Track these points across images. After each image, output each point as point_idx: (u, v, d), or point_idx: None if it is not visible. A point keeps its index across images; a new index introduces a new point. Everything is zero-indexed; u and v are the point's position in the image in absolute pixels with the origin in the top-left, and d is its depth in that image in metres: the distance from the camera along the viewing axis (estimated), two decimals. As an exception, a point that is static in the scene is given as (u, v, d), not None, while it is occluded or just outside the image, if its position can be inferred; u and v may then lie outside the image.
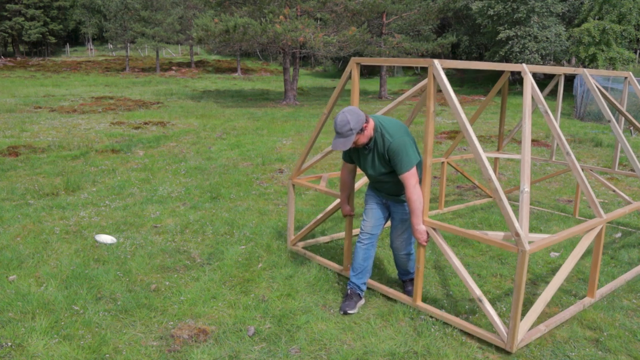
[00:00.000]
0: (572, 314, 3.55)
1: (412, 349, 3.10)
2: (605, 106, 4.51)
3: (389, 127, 3.34)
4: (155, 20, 34.24)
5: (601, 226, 3.61)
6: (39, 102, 16.96)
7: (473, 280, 3.26)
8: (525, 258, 2.89)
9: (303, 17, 18.43)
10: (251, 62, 44.56)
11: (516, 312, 2.99)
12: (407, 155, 3.26)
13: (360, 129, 3.24)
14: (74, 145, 9.47)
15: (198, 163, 8.26)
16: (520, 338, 3.09)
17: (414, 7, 23.29)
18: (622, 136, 4.49)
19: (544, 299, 3.24)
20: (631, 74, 5.29)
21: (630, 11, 21.94)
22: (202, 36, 18.45)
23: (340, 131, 3.22)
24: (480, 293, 3.20)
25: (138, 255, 4.40)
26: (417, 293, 3.54)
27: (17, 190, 6.34)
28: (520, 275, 2.93)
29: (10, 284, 3.77)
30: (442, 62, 3.28)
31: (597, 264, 3.69)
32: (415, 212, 3.30)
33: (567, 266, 3.38)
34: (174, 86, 26.15)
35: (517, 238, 2.92)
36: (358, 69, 3.84)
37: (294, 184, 4.56)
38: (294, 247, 4.63)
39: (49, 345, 3.02)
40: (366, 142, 3.33)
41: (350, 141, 3.22)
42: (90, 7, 42.14)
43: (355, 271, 3.64)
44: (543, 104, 3.73)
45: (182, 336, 3.15)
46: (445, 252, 3.34)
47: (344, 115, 3.22)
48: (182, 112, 15.48)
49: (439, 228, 3.35)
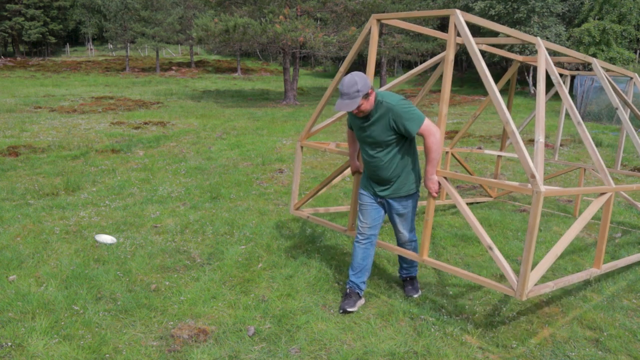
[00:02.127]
0: (579, 279, 3.60)
1: (412, 349, 3.10)
2: (614, 94, 4.54)
3: (388, 96, 3.34)
4: (155, 20, 34.24)
5: (610, 194, 3.66)
6: (39, 102, 16.96)
7: (484, 230, 3.32)
8: (540, 199, 2.91)
9: (303, 17, 18.44)
10: (251, 62, 44.57)
11: (528, 258, 2.97)
12: (414, 116, 3.26)
13: (367, 93, 3.21)
14: (74, 145, 9.47)
15: (198, 163, 8.26)
16: (530, 287, 3.07)
17: (414, 7, 23.30)
18: (629, 123, 4.51)
19: (555, 252, 3.27)
20: (637, 75, 5.30)
21: (630, 11, 21.95)
22: (202, 36, 18.46)
23: (348, 91, 3.18)
24: (490, 241, 3.24)
25: (138, 255, 4.40)
26: (425, 246, 3.51)
27: (17, 190, 6.34)
28: (535, 217, 2.93)
29: (10, 284, 3.77)
30: (463, 14, 3.38)
31: (605, 233, 3.71)
32: (432, 162, 3.32)
33: (577, 225, 3.47)
34: (174, 86, 26.15)
35: (532, 180, 2.96)
36: (378, 26, 3.80)
37: (302, 146, 4.51)
38: (296, 212, 4.57)
39: (49, 345, 3.02)
40: (369, 109, 3.29)
41: (356, 103, 3.18)
42: (90, 7, 42.11)
43: (355, 270, 3.62)
44: (556, 75, 3.87)
45: (182, 336, 3.15)
46: (456, 200, 3.39)
47: (351, 77, 3.20)
48: (182, 112, 15.48)
49: (449, 177, 3.47)
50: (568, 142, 11.72)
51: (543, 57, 3.90)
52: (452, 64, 3.37)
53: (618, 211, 6.28)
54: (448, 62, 3.38)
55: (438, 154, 3.31)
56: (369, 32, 3.85)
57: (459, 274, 3.38)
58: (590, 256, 4.71)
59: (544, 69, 3.79)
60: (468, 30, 3.29)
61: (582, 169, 6.03)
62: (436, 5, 24.11)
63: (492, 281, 3.23)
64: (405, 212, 3.57)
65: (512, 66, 5.67)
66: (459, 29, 3.32)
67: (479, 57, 3.27)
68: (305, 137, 4.47)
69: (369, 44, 3.80)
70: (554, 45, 4.30)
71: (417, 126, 3.26)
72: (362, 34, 3.86)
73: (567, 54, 4.54)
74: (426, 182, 3.40)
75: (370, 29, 3.82)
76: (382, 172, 3.46)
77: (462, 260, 4.55)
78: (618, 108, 4.52)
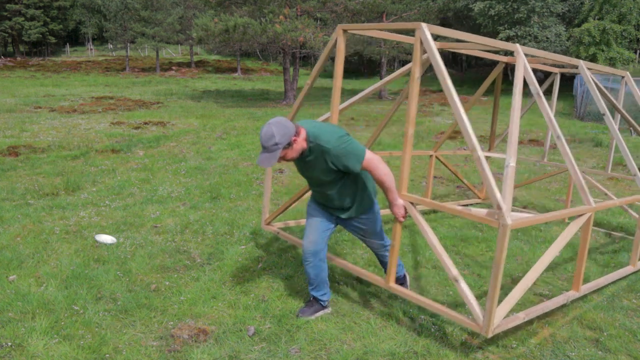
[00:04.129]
0: (555, 305, 3.42)
1: (412, 349, 3.10)
2: (601, 100, 4.39)
3: (323, 134, 3.03)
4: (155, 20, 34.24)
5: (589, 214, 3.42)
6: (39, 102, 16.96)
7: (450, 260, 3.10)
8: (506, 232, 2.70)
9: (303, 17, 18.44)
10: (251, 62, 44.57)
11: (494, 293, 2.78)
12: (353, 153, 3.01)
13: (288, 143, 2.92)
14: (74, 145, 9.47)
15: (198, 163, 8.26)
16: (497, 323, 2.91)
17: (414, 7, 23.32)
18: (617, 131, 4.35)
19: (524, 285, 3.08)
20: (629, 74, 5.21)
21: (630, 11, 21.96)
22: (202, 36, 18.46)
23: (266, 145, 2.88)
24: (456, 273, 3.03)
25: (138, 255, 4.40)
26: (391, 273, 3.36)
27: (17, 190, 6.34)
28: (501, 252, 2.72)
29: (10, 284, 3.77)
30: (429, 27, 3.15)
31: (584, 255, 3.52)
32: (390, 188, 3.12)
33: (550, 253, 3.22)
34: (174, 86, 26.15)
35: (498, 211, 2.74)
36: (344, 37, 3.63)
37: None
38: (267, 227, 4.40)
39: (49, 345, 3.02)
40: (296, 156, 3.02)
41: (276, 157, 2.90)
42: (90, 7, 42.11)
43: (312, 285, 3.44)
44: (535, 85, 3.59)
45: (182, 336, 3.15)
46: (422, 228, 3.19)
47: (269, 128, 2.88)
48: (182, 112, 15.48)
49: (416, 202, 3.22)
50: (568, 142, 11.72)
51: (522, 65, 3.58)
52: (418, 82, 3.13)
53: (618, 211, 6.28)
54: (414, 79, 3.13)
55: (391, 181, 3.11)
56: (334, 44, 3.67)
57: (425, 305, 3.20)
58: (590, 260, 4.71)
59: (521, 79, 3.48)
60: (434, 46, 3.07)
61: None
62: (436, 6, 24.12)
63: (457, 314, 3.05)
64: (367, 228, 3.41)
65: (496, 67, 5.42)
66: (424, 44, 3.09)
67: (445, 75, 3.03)
68: None
69: (336, 54, 3.61)
70: (535, 51, 4.05)
71: (359, 163, 3.03)
72: (329, 45, 3.70)
73: (551, 58, 4.27)
74: (392, 209, 3.24)
75: (337, 40, 3.64)
76: (333, 202, 3.30)
77: (462, 260, 4.55)
78: (605, 114, 4.29)
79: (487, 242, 5.01)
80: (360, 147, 3.04)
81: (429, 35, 3.08)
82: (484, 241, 5.02)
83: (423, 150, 8.56)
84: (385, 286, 3.39)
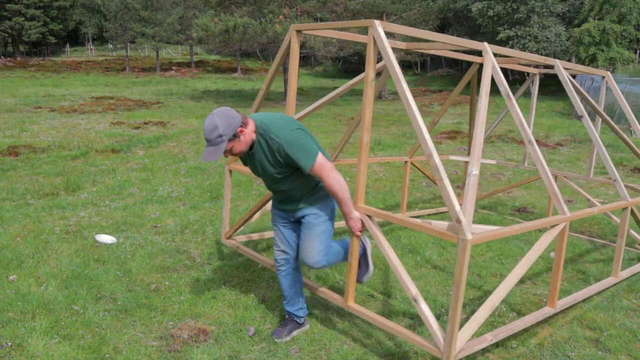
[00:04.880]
0: (526, 324, 3.14)
1: (412, 349, 3.10)
2: (579, 101, 4.11)
3: (273, 125, 2.79)
4: (155, 20, 34.24)
5: (564, 224, 3.16)
6: (39, 102, 16.96)
7: (410, 279, 2.84)
8: (466, 248, 2.45)
9: (303, 17, 18.45)
10: (251, 62, 44.58)
11: (455, 315, 2.53)
12: (304, 149, 2.75)
13: (234, 134, 2.69)
14: (74, 145, 9.47)
15: (198, 163, 8.26)
16: (460, 347, 2.63)
17: (414, 7, 23.32)
18: (596, 134, 4.15)
19: (491, 304, 2.79)
20: (609, 74, 5.05)
21: (630, 11, 21.96)
22: (202, 36, 18.47)
23: (209, 138, 2.66)
24: (416, 292, 2.77)
25: (138, 255, 4.40)
26: (349, 292, 3.11)
27: (17, 190, 6.34)
28: (461, 269, 2.47)
29: (10, 284, 3.77)
30: (384, 25, 2.88)
31: (559, 269, 3.23)
32: (344, 200, 2.85)
33: (520, 268, 2.95)
34: (174, 86, 26.15)
35: (457, 225, 2.50)
36: (298, 37, 3.44)
37: (230, 170, 4.08)
38: (227, 241, 4.20)
39: (49, 345, 3.02)
40: (244, 149, 2.79)
41: (221, 150, 2.66)
42: (90, 7, 42.13)
43: (286, 299, 3.23)
44: (505, 86, 3.34)
45: (182, 336, 3.15)
46: (380, 244, 2.93)
47: (212, 119, 2.66)
48: (182, 112, 15.48)
49: (374, 215, 2.94)
50: (568, 142, 11.72)
51: (490, 65, 3.30)
52: (372, 84, 2.88)
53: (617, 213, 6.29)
54: (368, 82, 2.86)
55: (344, 191, 2.82)
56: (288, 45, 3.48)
57: (383, 326, 2.97)
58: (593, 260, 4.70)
59: (488, 80, 3.20)
60: (387, 45, 2.80)
61: (552, 175, 5.52)
62: (436, 6, 24.10)
63: (416, 337, 2.80)
64: (317, 224, 2.99)
65: (470, 68, 5.06)
66: (377, 43, 2.84)
67: (400, 77, 2.76)
68: (234, 160, 4.08)
69: (290, 56, 3.42)
70: (507, 50, 3.78)
71: (310, 161, 2.75)
72: (283, 47, 3.51)
73: (524, 58, 4.06)
74: (347, 222, 2.97)
75: (290, 41, 3.43)
76: (289, 197, 3.03)
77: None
78: (583, 116, 4.05)
79: (487, 241, 5.01)
80: (313, 146, 2.79)
81: (382, 34, 2.83)
82: (484, 241, 5.02)
83: (399, 157, 8.54)
84: (344, 305, 3.13)
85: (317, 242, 2.98)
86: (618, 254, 4.03)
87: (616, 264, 4.05)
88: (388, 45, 2.80)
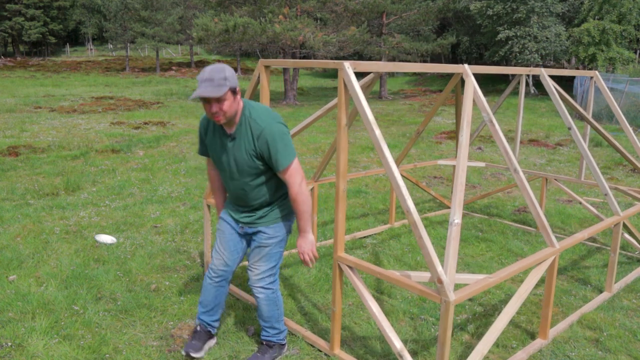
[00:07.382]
0: None
1: (412, 349, 3.10)
2: (565, 111, 4.06)
3: (259, 111, 2.62)
4: (155, 20, 34.24)
5: (553, 257, 3.05)
6: (39, 102, 16.96)
7: (394, 332, 2.67)
8: (449, 309, 2.31)
9: (303, 17, 18.45)
10: (251, 62, 44.56)
11: None
12: (285, 145, 2.56)
13: (234, 88, 2.51)
14: (74, 145, 9.47)
15: (198, 163, 8.26)
16: None
17: (413, 7, 23.31)
18: (584, 146, 4.06)
19: (481, 352, 2.61)
20: (597, 74, 5.01)
21: (630, 11, 21.96)
22: (202, 36, 18.46)
23: (211, 77, 2.44)
24: (401, 347, 2.61)
25: (138, 255, 4.40)
26: (335, 339, 2.96)
27: (17, 190, 6.34)
28: (445, 330, 2.34)
29: (10, 284, 3.77)
30: (354, 65, 2.68)
31: (550, 301, 3.13)
32: (305, 214, 2.65)
33: (512, 306, 2.80)
34: (174, 86, 26.15)
35: (439, 285, 2.35)
36: (267, 72, 3.27)
37: (209, 205, 3.90)
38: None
39: (49, 345, 3.02)
40: (231, 115, 2.53)
41: (222, 91, 2.42)
42: (90, 7, 42.19)
43: (206, 307, 2.97)
44: (487, 112, 3.21)
45: (182, 336, 3.15)
46: (362, 295, 2.76)
47: (217, 64, 2.51)
48: (182, 112, 15.48)
49: (355, 267, 2.75)
50: (568, 142, 11.72)
51: (471, 89, 3.14)
52: (346, 130, 2.69)
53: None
54: (341, 127, 2.68)
55: (308, 206, 2.64)
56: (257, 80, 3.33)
57: None
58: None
59: (469, 108, 3.05)
60: (358, 89, 2.62)
61: (543, 178, 5.50)
62: (436, 6, 24.07)
63: None
64: (268, 247, 2.79)
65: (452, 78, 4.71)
66: (347, 85, 2.65)
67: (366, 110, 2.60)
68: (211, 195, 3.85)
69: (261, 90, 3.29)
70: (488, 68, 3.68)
71: (287, 160, 2.58)
72: (253, 81, 3.36)
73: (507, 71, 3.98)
74: (298, 241, 2.73)
75: (259, 76, 3.28)
76: (246, 200, 2.76)
77: (462, 260, 4.55)
78: (571, 128, 3.99)
79: (487, 242, 5.01)
80: (293, 148, 2.63)
81: (353, 77, 2.64)
82: (484, 241, 5.03)
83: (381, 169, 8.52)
84: (330, 353, 2.99)
85: (262, 263, 2.81)
86: (611, 270, 3.91)
87: (609, 279, 3.95)
88: (359, 89, 2.62)
